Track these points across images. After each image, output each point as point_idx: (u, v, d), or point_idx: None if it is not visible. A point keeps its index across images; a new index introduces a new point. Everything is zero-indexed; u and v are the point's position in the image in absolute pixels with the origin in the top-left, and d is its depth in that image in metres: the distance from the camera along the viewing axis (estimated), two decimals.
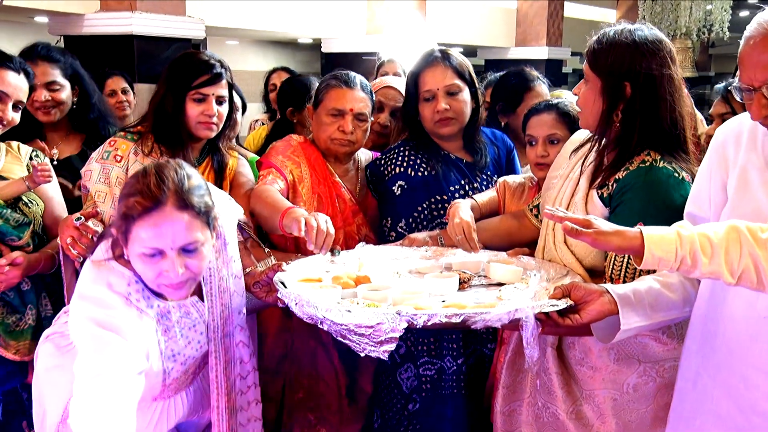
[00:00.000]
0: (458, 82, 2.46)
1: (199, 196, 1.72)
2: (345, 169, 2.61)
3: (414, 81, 2.50)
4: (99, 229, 2.14)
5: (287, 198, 2.40)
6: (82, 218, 2.16)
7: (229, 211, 2.02)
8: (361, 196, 2.62)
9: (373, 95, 2.62)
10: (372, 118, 2.62)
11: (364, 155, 2.72)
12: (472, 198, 2.41)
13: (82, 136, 2.88)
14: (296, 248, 2.44)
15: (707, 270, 1.48)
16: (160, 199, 1.65)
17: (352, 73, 2.60)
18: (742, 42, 1.54)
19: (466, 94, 2.48)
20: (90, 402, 1.59)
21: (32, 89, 2.43)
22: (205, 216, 1.73)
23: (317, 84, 2.70)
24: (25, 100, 2.37)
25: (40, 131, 2.78)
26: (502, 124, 3.13)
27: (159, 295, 1.79)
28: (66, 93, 2.76)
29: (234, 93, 2.50)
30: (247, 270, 2.10)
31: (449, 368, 2.42)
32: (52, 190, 2.46)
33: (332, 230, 1.96)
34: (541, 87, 3.13)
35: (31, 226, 2.34)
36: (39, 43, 2.78)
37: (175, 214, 1.65)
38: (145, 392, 1.76)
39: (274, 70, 4.70)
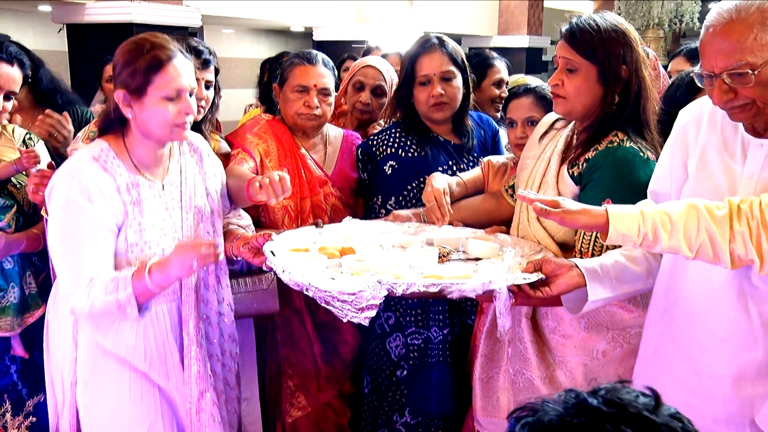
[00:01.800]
0: (453, 68, 2.52)
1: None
2: (312, 143, 2.68)
3: (411, 65, 2.54)
4: None
5: (257, 172, 2.50)
6: None
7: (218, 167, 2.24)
8: (331, 168, 2.69)
9: (335, 71, 2.68)
10: (336, 93, 2.69)
11: (333, 131, 2.78)
12: (459, 176, 2.48)
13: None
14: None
15: (667, 245, 1.57)
16: (173, 48, 1.92)
17: (314, 51, 2.68)
18: (702, 30, 1.60)
19: (459, 81, 2.54)
20: (60, 224, 1.87)
21: (26, 78, 2.46)
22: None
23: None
24: (17, 90, 2.41)
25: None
26: None
27: (137, 169, 1.97)
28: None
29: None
30: (238, 233, 2.21)
31: (435, 338, 2.50)
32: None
33: (287, 178, 2.03)
34: (501, 63, 3.30)
35: (14, 209, 2.39)
36: None
37: (185, 60, 1.95)
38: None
39: (284, 55, 4.63)
